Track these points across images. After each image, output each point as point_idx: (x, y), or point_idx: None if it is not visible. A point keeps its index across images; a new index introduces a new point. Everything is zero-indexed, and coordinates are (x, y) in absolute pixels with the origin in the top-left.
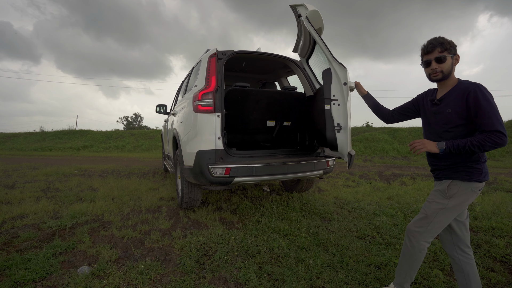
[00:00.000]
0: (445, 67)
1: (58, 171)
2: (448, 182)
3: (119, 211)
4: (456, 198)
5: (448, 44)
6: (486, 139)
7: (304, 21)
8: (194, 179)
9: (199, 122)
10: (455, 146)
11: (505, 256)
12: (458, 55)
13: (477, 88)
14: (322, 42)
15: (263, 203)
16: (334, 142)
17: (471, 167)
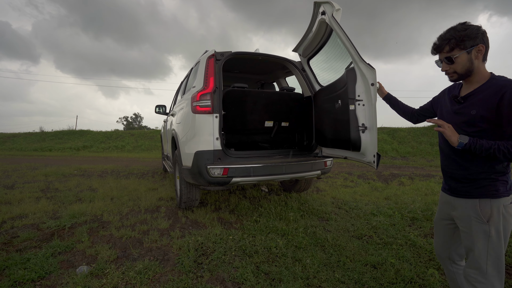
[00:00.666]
0: (458, 66)
1: (57, 171)
2: (475, 202)
3: (118, 211)
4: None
5: (460, 39)
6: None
7: (330, 19)
8: (192, 179)
9: (197, 122)
10: (478, 145)
11: None
12: (481, 46)
13: None
14: (349, 42)
15: (262, 203)
16: (357, 142)
17: (496, 180)
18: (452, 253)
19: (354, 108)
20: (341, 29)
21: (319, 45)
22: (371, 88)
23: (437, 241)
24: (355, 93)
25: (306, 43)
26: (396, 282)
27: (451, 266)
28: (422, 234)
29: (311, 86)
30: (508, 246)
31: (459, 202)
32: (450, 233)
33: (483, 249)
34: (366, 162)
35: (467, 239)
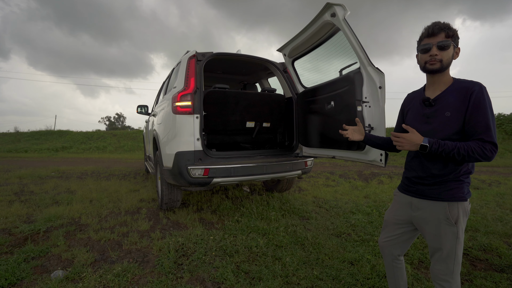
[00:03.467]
0: (446, 56)
1: (33, 173)
2: (444, 205)
3: (97, 214)
4: (461, 223)
5: (453, 33)
6: (477, 149)
7: (342, 22)
8: (173, 180)
9: (177, 123)
10: (440, 147)
11: (467, 248)
12: (459, 48)
13: (483, 89)
14: (360, 46)
15: (244, 203)
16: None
17: (463, 182)
18: (396, 250)
19: (361, 109)
20: (352, 33)
21: (312, 46)
22: (379, 91)
23: (384, 237)
24: (362, 95)
25: (296, 44)
26: (371, 278)
27: (392, 261)
28: None
29: (293, 87)
30: (467, 241)
31: (426, 204)
32: (401, 234)
33: (452, 251)
34: (367, 161)
35: (435, 241)
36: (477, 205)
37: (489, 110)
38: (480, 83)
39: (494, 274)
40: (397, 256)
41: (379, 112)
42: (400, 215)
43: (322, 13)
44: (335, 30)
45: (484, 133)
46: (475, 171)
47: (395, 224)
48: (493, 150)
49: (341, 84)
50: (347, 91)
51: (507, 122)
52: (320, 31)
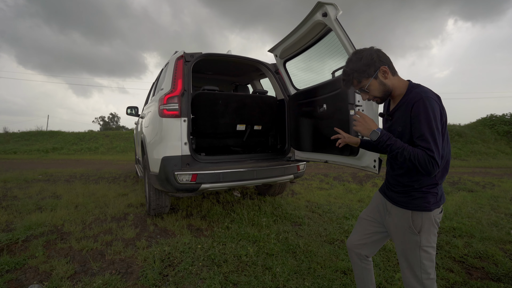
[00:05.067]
0: (375, 92)
1: (19, 176)
2: (409, 214)
3: (82, 221)
4: (425, 232)
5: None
6: (421, 159)
7: (334, 22)
8: (160, 185)
9: (164, 127)
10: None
11: (463, 256)
12: (383, 67)
13: (422, 100)
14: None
15: (235, 208)
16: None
17: (427, 192)
18: (365, 251)
19: (354, 113)
20: (344, 33)
21: (304, 47)
22: None
23: (354, 237)
24: (355, 98)
25: (287, 44)
26: None
27: (360, 262)
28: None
29: (285, 89)
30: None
31: (395, 210)
32: (372, 234)
33: (416, 259)
34: (361, 167)
35: (399, 248)
36: (472, 209)
37: (430, 123)
38: (423, 94)
39: (490, 284)
40: (365, 257)
41: (372, 116)
42: (375, 214)
43: (313, 12)
44: (327, 30)
45: (425, 145)
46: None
47: (369, 221)
48: (433, 164)
49: (333, 86)
50: (339, 94)
51: (499, 123)
52: (311, 31)
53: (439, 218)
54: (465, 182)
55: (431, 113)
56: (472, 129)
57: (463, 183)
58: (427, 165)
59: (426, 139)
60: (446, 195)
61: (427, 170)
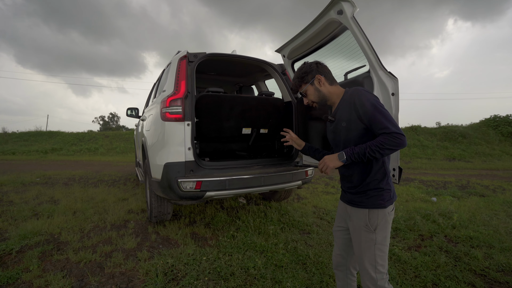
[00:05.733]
0: (311, 97)
1: (16, 179)
2: (365, 212)
3: (80, 229)
4: (381, 230)
5: (301, 76)
6: (384, 141)
7: (350, 20)
8: (162, 193)
9: (167, 131)
10: (355, 153)
11: (484, 269)
12: (318, 76)
13: (358, 94)
14: (370, 47)
15: (240, 215)
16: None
17: (382, 189)
18: (349, 262)
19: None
20: (362, 32)
21: (314, 47)
22: (391, 98)
23: (335, 251)
24: None
25: (296, 44)
26: None
27: (346, 277)
28: (406, 247)
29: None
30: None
31: (354, 211)
32: (348, 243)
33: (371, 258)
34: None
35: (357, 249)
36: (487, 216)
37: (373, 109)
38: (356, 90)
39: None
40: (352, 271)
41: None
42: (342, 222)
43: (327, 10)
44: (341, 29)
45: (383, 129)
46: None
47: (341, 231)
48: (399, 136)
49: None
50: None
51: (503, 124)
52: (324, 30)
53: (391, 215)
54: (474, 186)
55: (371, 98)
56: (475, 130)
57: (472, 187)
58: (395, 141)
59: (379, 121)
60: (457, 200)
61: (399, 144)
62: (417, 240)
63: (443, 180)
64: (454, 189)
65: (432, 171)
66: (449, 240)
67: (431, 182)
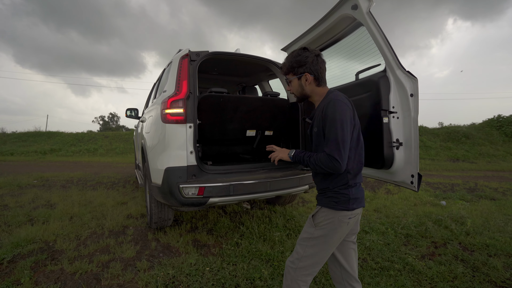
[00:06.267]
0: (293, 89)
1: (13, 181)
2: (318, 208)
3: (76, 236)
4: (322, 228)
5: (291, 65)
6: (321, 159)
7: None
8: (163, 199)
9: (167, 134)
10: (299, 156)
11: (506, 281)
12: (307, 74)
13: (331, 102)
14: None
15: (243, 220)
16: (389, 160)
17: (338, 193)
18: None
19: (388, 121)
20: (379, 29)
21: (323, 45)
22: (410, 99)
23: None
24: (389, 104)
25: (304, 42)
26: None
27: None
28: (420, 255)
29: None
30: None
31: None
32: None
33: (301, 247)
34: (392, 181)
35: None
36: (501, 222)
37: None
38: (332, 100)
39: None
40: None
41: (409, 124)
42: None
43: (340, 4)
44: (355, 26)
45: (327, 146)
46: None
47: None
48: (333, 161)
49: (360, 89)
50: (369, 98)
51: (507, 124)
52: (335, 27)
53: (342, 222)
54: (483, 188)
55: (338, 114)
56: (479, 130)
57: (481, 190)
58: (328, 164)
59: (328, 140)
60: (466, 203)
61: (331, 168)
62: (430, 248)
63: (450, 182)
64: (462, 192)
65: (436, 172)
66: (464, 248)
67: (438, 185)
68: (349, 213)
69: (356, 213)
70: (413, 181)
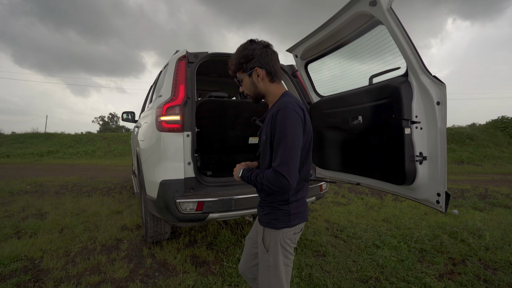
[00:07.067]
0: (246, 89)
1: (5, 187)
2: (261, 229)
3: (65, 251)
4: (274, 253)
5: (238, 61)
6: (268, 178)
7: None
8: (158, 213)
9: (163, 143)
10: (246, 176)
11: None
12: (257, 69)
13: (280, 110)
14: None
15: (245, 233)
16: (411, 175)
17: (277, 209)
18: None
19: (410, 132)
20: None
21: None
22: (437, 108)
23: (242, 259)
24: (412, 113)
25: (312, 43)
26: None
27: (253, 283)
28: (437, 273)
29: (304, 95)
30: None
31: (259, 227)
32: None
33: (264, 280)
34: (414, 199)
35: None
36: None
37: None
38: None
39: None
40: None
41: (435, 135)
42: (254, 233)
43: (356, 0)
44: (371, 25)
45: (275, 161)
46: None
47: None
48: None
49: (376, 95)
50: (386, 106)
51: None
52: (349, 26)
53: (292, 240)
54: (494, 195)
55: (289, 126)
56: (483, 131)
57: (493, 196)
58: (275, 181)
59: (276, 153)
60: (479, 212)
61: (279, 187)
62: (448, 265)
63: (458, 188)
64: (474, 199)
65: None
66: (486, 266)
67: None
68: (293, 229)
69: (300, 228)
70: (439, 200)
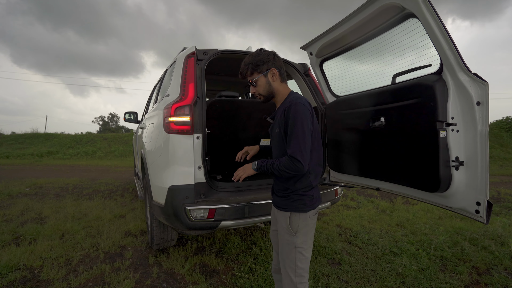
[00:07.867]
0: (260, 89)
1: (4, 189)
2: (287, 215)
3: (66, 260)
4: (302, 233)
5: (256, 64)
6: (284, 163)
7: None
8: (166, 221)
9: (171, 146)
10: (263, 166)
11: None
12: (273, 69)
13: (292, 105)
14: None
15: (255, 239)
16: (445, 181)
17: (304, 195)
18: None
19: (445, 135)
20: (438, 21)
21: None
22: (476, 108)
23: (274, 255)
24: (447, 114)
25: (330, 39)
26: None
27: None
28: (462, 284)
29: (317, 95)
30: None
31: (279, 214)
32: None
33: (292, 261)
34: (448, 207)
35: (281, 252)
36: None
37: (293, 125)
38: (295, 101)
39: None
40: None
41: (474, 139)
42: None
43: None
44: (401, 18)
45: (289, 148)
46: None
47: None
48: (296, 163)
49: (404, 95)
50: (416, 107)
51: None
52: (374, 20)
53: (313, 220)
54: (507, 198)
55: (299, 117)
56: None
57: (507, 200)
58: (291, 166)
59: (289, 141)
60: (495, 216)
61: (294, 170)
62: (473, 275)
63: None
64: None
65: None
66: None
67: None
68: (314, 211)
69: (317, 210)
70: (479, 210)
